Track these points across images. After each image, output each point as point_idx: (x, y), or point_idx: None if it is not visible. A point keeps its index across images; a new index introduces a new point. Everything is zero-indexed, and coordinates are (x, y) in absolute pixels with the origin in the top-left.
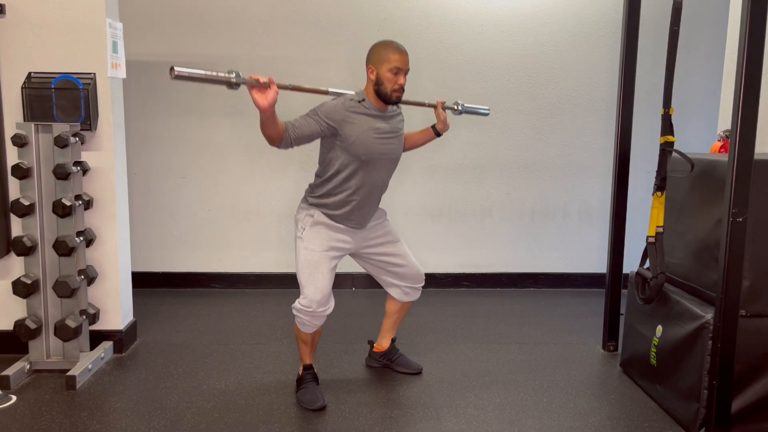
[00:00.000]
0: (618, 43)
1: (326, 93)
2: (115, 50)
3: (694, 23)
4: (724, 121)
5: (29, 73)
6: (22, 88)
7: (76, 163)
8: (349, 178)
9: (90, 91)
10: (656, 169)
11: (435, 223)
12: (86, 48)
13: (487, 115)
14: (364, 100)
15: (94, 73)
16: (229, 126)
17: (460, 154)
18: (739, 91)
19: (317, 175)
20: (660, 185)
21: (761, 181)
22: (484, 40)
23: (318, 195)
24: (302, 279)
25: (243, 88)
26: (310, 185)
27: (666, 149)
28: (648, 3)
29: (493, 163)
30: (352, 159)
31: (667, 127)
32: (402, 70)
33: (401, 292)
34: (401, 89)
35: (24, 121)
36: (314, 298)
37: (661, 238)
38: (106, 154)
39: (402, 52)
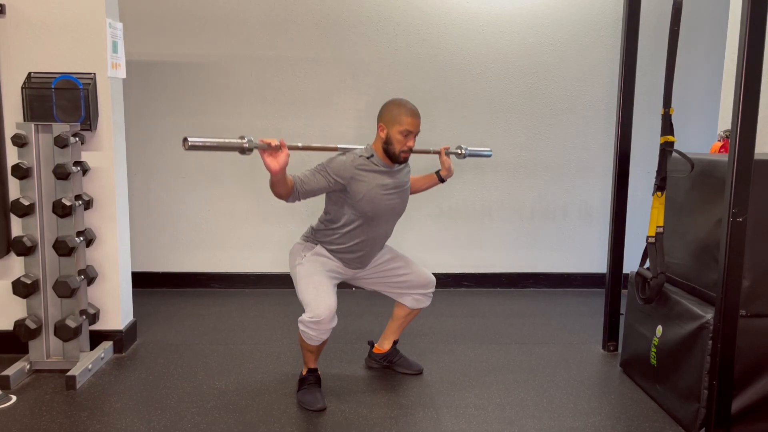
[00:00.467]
0: (618, 43)
1: (336, 149)
2: (115, 50)
3: (694, 23)
4: (724, 121)
5: (29, 73)
6: (22, 88)
7: (76, 163)
8: (355, 230)
9: (90, 91)
10: (656, 169)
11: (435, 223)
12: (86, 48)
13: (489, 156)
14: (372, 156)
15: (94, 73)
16: (230, 126)
17: None
18: (739, 91)
19: (321, 222)
20: (660, 185)
21: (761, 181)
22: (484, 40)
23: (321, 239)
24: (307, 297)
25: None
26: (313, 228)
27: (666, 149)
28: (648, 3)
29: (493, 163)
30: (358, 215)
31: (667, 127)
32: (412, 132)
33: (412, 300)
34: (409, 151)
35: (24, 121)
36: (322, 313)
37: (661, 238)
38: (106, 154)
39: (415, 115)
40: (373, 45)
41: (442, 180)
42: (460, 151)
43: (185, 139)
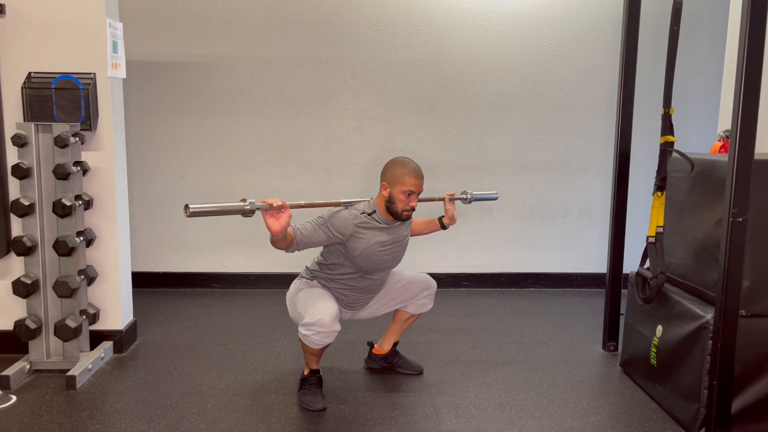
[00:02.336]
0: (618, 43)
1: (338, 205)
2: (115, 50)
3: (694, 23)
4: (724, 121)
5: (29, 73)
6: (22, 88)
7: (76, 163)
8: (349, 279)
9: (90, 91)
10: (656, 169)
11: None
12: (86, 48)
13: (495, 199)
14: (374, 212)
15: (94, 73)
16: (230, 126)
17: (460, 154)
18: (739, 91)
19: (318, 264)
20: (660, 185)
21: (761, 181)
22: (484, 41)
23: (317, 276)
24: (307, 305)
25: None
26: (308, 269)
27: (666, 149)
28: (648, 3)
29: (493, 163)
30: (354, 268)
31: (667, 127)
32: (415, 193)
33: (415, 306)
34: (412, 210)
35: (24, 121)
36: (322, 314)
37: (661, 238)
38: (106, 154)
39: (418, 176)
40: (373, 45)
41: (444, 227)
42: (465, 197)
43: (186, 206)
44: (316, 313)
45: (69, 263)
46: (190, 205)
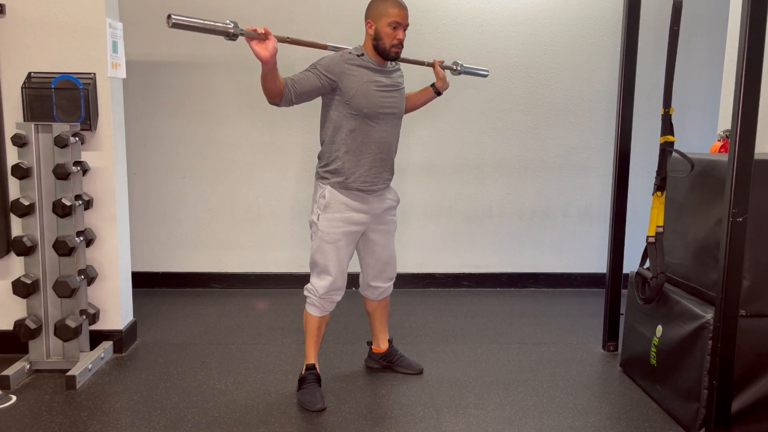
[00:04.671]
0: (618, 43)
1: (325, 47)
2: (115, 50)
3: (694, 23)
4: (724, 121)
5: (29, 73)
6: (22, 88)
7: (76, 163)
8: (353, 134)
9: (90, 91)
10: (656, 169)
11: (435, 223)
12: (86, 48)
13: (485, 76)
14: (363, 54)
15: (94, 73)
16: (230, 126)
17: (460, 154)
18: (739, 91)
19: (322, 141)
20: (660, 185)
21: (761, 181)
22: (484, 40)
23: (327, 164)
24: (318, 261)
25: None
26: (319, 156)
27: (666, 149)
28: (648, 3)
29: (493, 163)
30: (354, 114)
31: (667, 127)
32: (401, 24)
33: (373, 292)
34: (400, 45)
35: (24, 121)
36: (329, 279)
37: (661, 238)
38: (106, 154)
39: (401, 6)
40: None
41: (438, 93)
42: (455, 67)
43: (169, 16)
44: (323, 270)
45: (69, 263)
46: (173, 15)
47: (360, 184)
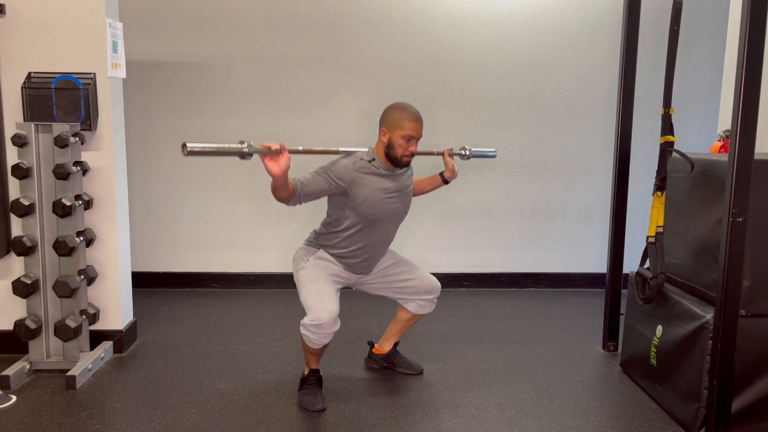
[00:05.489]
0: (618, 43)
1: (337, 153)
2: (115, 50)
3: (694, 23)
4: (724, 121)
5: (29, 73)
6: (22, 88)
7: (76, 163)
8: (356, 234)
9: (90, 91)
10: (656, 169)
11: (435, 223)
12: (86, 48)
13: (494, 157)
14: (374, 159)
15: (94, 73)
16: (230, 126)
17: None
18: (739, 91)
19: (324, 226)
20: (660, 185)
21: (761, 181)
22: (484, 40)
23: (324, 243)
24: (309, 301)
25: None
26: (316, 232)
27: (666, 149)
28: (648, 3)
29: (494, 163)
30: (360, 218)
31: (667, 127)
32: (415, 138)
33: (416, 305)
34: (411, 156)
35: (24, 121)
36: (323, 318)
37: (661, 238)
38: (106, 154)
39: (417, 120)
40: (373, 45)
41: (445, 182)
42: (464, 153)
43: (184, 145)
44: (317, 312)
45: (69, 263)
46: (188, 144)
47: (352, 269)
